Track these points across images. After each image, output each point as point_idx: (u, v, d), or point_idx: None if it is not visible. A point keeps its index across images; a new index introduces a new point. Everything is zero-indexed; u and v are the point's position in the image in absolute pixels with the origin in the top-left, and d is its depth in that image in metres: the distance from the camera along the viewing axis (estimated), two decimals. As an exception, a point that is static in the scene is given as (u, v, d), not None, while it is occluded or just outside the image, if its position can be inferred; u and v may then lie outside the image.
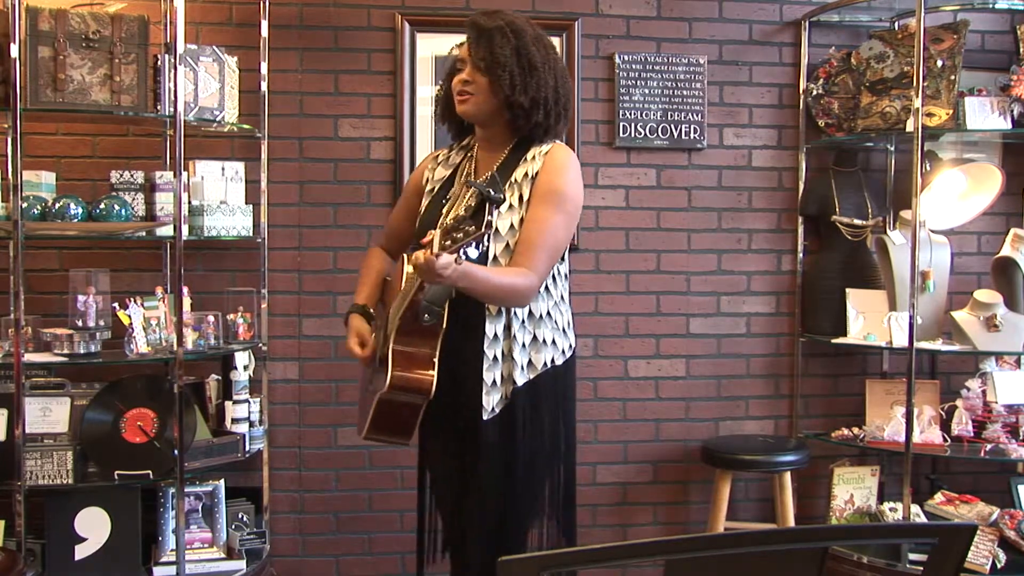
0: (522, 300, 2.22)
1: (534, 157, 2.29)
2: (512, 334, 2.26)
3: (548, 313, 2.32)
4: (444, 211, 2.32)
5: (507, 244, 2.24)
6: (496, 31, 2.26)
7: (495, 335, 2.26)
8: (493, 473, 2.27)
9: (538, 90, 2.26)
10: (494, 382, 2.26)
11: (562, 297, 2.37)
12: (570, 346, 2.38)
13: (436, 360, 2.18)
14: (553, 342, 2.32)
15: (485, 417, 2.25)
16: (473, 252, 1.97)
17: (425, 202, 2.41)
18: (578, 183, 2.32)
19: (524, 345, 2.27)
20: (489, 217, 1.97)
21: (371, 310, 2.45)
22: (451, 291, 2.17)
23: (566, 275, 2.40)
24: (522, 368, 2.26)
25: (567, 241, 2.31)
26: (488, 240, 1.99)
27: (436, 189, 2.40)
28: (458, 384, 2.26)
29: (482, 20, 2.29)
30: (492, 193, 2.00)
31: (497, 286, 2.16)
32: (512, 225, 2.24)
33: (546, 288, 2.31)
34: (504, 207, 2.25)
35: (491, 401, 2.25)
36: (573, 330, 2.42)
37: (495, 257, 2.23)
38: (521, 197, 2.26)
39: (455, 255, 1.93)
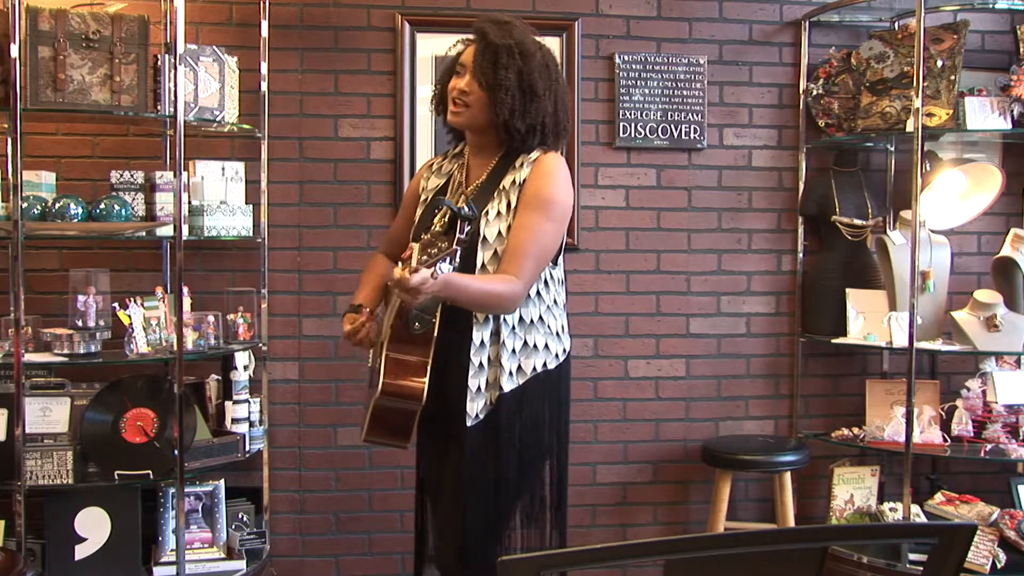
0: (508, 307, 2.22)
1: (522, 164, 2.29)
2: (501, 340, 2.26)
3: (540, 318, 2.32)
4: (434, 222, 2.33)
5: (495, 251, 2.24)
6: (503, 49, 2.23)
7: (482, 342, 2.26)
8: (480, 477, 2.28)
9: (536, 116, 2.26)
10: (479, 388, 2.27)
11: (555, 301, 2.37)
12: (564, 350, 2.38)
13: (429, 367, 2.19)
14: (546, 347, 2.32)
15: (469, 423, 2.26)
16: (447, 267, 1.98)
17: (419, 211, 2.43)
18: (567, 190, 2.31)
19: (513, 351, 2.28)
20: (460, 235, 1.99)
21: (367, 310, 2.46)
22: (442, 300, 2.18)
23: (560, 280, 2.40)
24: (510, 374, 2.27)
25: (555, 247, 2.30)
26: (457, 258, 2.00)
27: (430, 198, 2.41)
28: (445, 390, 2.27)
29: (492, 32, 2.26)
30: (463, 211, 2.02)
31: (480, 293, 2.16)
32: (500, 232, 2.25)
33: (537, 293, 2.31)
34: (492, 214, 2.26)
35: (475, 408, 2.26)
36: (568, 334, 2.42)
37: (483, 265, 2.24)
38: (509, 204, 2.26)
39: (432, 270, 1.93)
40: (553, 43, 3.48)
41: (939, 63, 3.41)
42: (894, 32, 3.64)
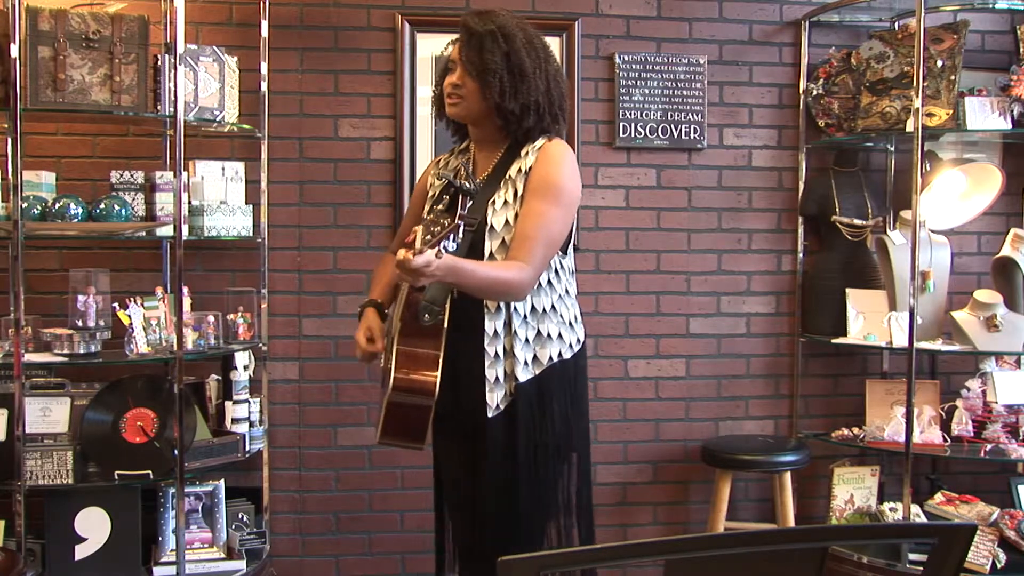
0: (518, 293, 2.21)
1: (528, 153, 2.29)
2: (513, 330, 2.25)
3: (552, 307, 2.31)
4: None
5: (503, 240, 2.24)
6: (487, 36, 2.25)
7: (495, 332, 2.25)
8: (502, 471, 2.26)
9: (528, 95, 2.25)
10: (497, 379, 2.25)
11: (567, 291, 2.36)
12: (578, 340, 2.38)
13: (440, 360, 2.18)
14: (560, 336, 2.31)
15: (490, 415, 2.24)
16: (451, 245, 1.96)
17: (427, 207, 2.42)
18: (573, 176, 2.31)
19: (527, 340, 2.27)
20: (462, 210, 1.97)
21: (385, 309, 2.46)
22: (450, 290, 2.17)
23: (571, 270, 2.39)
24: (525, 363, 2.26)
25: (564, 233, 2.29)
26: (461, 232, 1.99)
27: (437, 194, 2.40)
28: (461, 383, 2.27)
29: (473, 22, 2.28)
30: (464, 185, 2.01)
31: (488, 279, 2.15)
32: (507, 221, 2.24)
33: (548, 282, 2.31)
34: (499, 204, 2.25)
35: (495, 399, 2.25)
36: (582, 324, 2.41)
37: (491, 254, 2.23)
38: (516, 192, 2.26)
39: (436, 249, 1.93)
40: (553, 43, 3.46)
41: (939, 63, 3.41)
42: (894, 32, 3.64)
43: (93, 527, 3.04)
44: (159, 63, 3.02)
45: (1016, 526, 3.28)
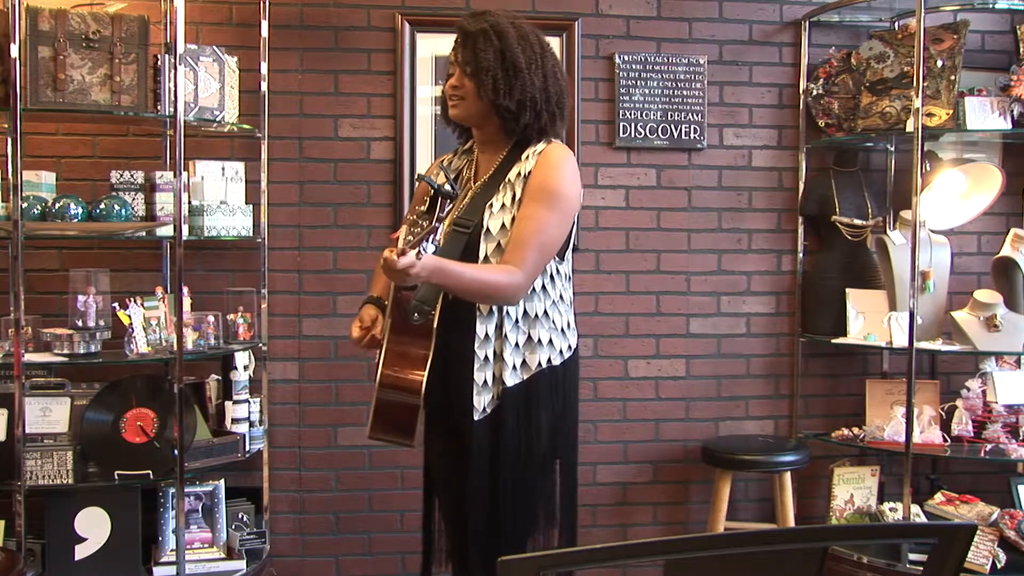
0: (508, 298, 2.20)
1: (528, 156, 2.29)
2: (504, 334, 2.25)
3: (545, 312, 2.30)
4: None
5: (498, 244, 2.23)
6: (480, 34, 2.25)
7: (486, 335, 2.25)
8: (485, 474, 2.26)
9: (523, 91, 2.25)
10: (485, 382, 2.24)
11: (561, 297, 2.35)
12: (570, 347, 2.36)
13: (429, 360, 2.18)
14: (550, 342, 2.30)
15: (476, 417, 2.24)
16: (430, 247, 1.98)
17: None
18: (573, 181, 2.30)
19: (517, 345, 2.26)
20: (440, 212, 1.99)
21: (385, 302, 2.46)
22: (441, 290, 2.17)
23: (568, 275, 2.39)
24: (514, 368, 2.25)
25: (560, 239, 2.28)
26: (439, 235, 2.01)
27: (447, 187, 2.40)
28: (450, 384, 2.26)
29: (467, 23, 2.29)
30: (443, 188, 2.02)
31: (476, 282, 2.15)
32: (504, 225, 2.24)
33: (542, 287, 2.30)
34: (496, 207, 2.25)
35: (482, 402, 2.24)
36: (575, 331, 2.41)
37: (486, 257, 2.23)
38: (514, 196, 2.25)
39: (416, 251, 1.93)
40: (553, 43, 3.44)
41: (939, 63, 3.41)
42: (894, 32, 3.64)
43: (93, 527, 3.04)
44: (159, 63, 3.02)
45: (1016, 526, 3.28)
